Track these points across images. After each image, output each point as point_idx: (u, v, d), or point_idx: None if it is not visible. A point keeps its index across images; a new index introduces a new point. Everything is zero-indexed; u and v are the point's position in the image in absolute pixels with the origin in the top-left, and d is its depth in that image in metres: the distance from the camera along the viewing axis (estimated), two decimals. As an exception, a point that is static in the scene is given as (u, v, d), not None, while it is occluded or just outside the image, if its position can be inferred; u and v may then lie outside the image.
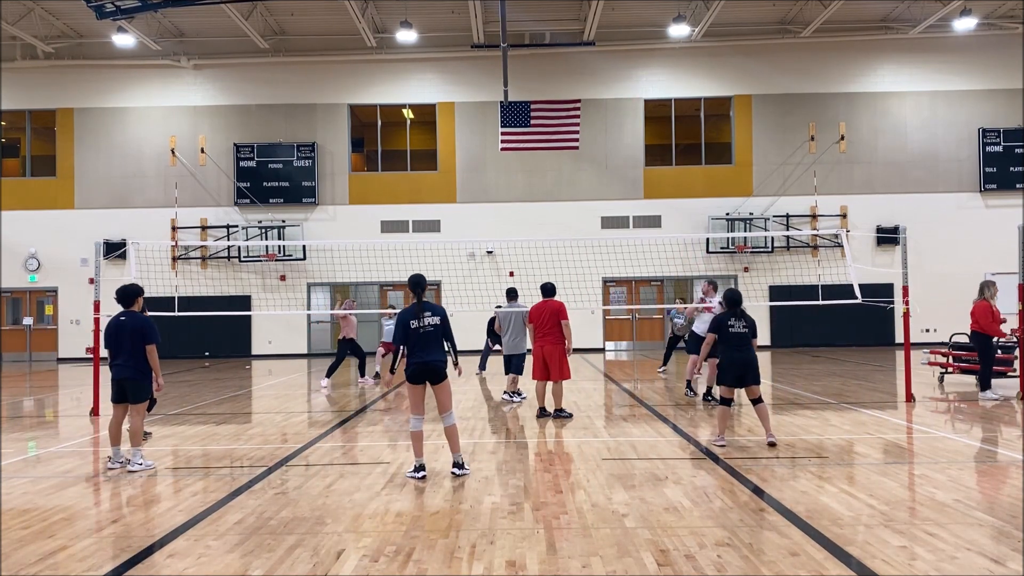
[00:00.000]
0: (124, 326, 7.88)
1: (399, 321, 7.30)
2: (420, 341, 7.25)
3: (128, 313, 8.03)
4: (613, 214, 25.53)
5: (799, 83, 25.82)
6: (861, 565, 4.74)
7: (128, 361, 7.83)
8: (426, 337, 7.27)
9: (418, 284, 7.50)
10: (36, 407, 14.20)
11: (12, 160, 27.03)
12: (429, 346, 7.29)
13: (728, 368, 8.52)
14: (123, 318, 7.96)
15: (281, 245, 25.18)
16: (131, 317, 7.97)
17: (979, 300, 12.49)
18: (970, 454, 8.17)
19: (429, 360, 7.27)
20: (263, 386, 16.61)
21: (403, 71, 26.05)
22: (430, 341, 7.29)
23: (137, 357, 7.83)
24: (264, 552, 5.17)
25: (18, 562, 5.06)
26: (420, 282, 7.50)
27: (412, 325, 7.25)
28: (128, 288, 8.18)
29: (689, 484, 6.85)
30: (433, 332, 7.32)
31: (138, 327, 7.87)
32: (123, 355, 7.85)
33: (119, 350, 7.87)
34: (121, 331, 7.87)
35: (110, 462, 7.93)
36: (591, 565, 4.81)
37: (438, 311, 7.41)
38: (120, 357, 7.87)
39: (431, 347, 7.30)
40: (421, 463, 7.32)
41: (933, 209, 25.02)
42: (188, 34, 25.33)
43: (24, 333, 26.11)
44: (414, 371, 7.28)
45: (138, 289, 8.27)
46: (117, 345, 7.88)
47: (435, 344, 7.34)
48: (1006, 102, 25.39)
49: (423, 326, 7.26)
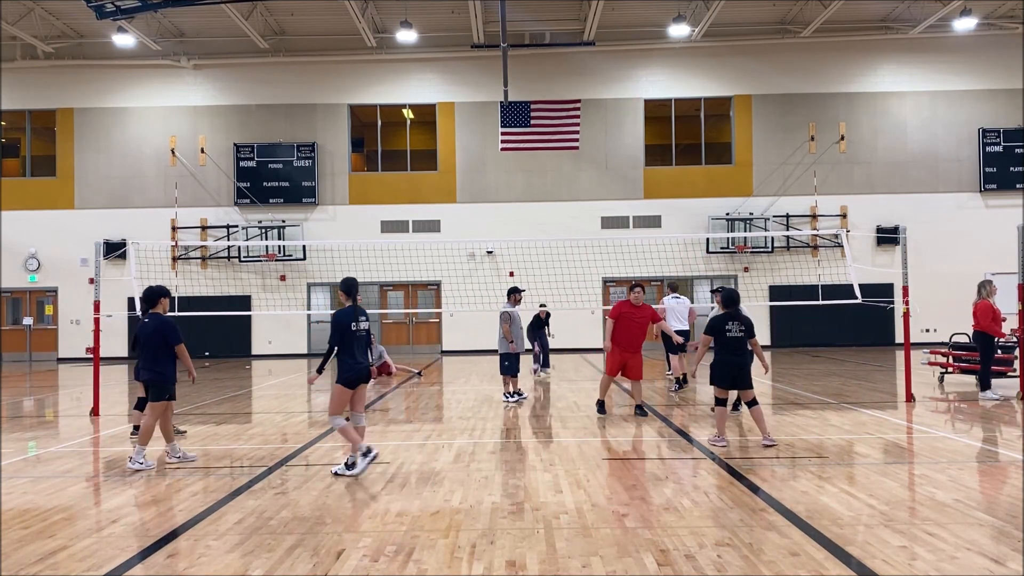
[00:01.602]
0: (145, 328, 8.11)
1: (337, 322, 7.36)
2: (358, 344, 7.39)
3: (151, 315, 8.19)
4: (613, 214, 25.54)
5: (799, 83, 25.82)
6: (861, 565, 4.74)
7: (147, 364, 8.07)
8: (361, 341, 7.43)
9: (352, 287, 7.58)
10: (36, 407, 14.20)
11: (12, 160, 27.04)
12: (363, 350, 7.48)
13: (721, 370, 8.53)
14: (146, 320, 8.18)
15: (281, 245, 25.18)
16: (152, 319, 8.14)
17: (979, 300, 12.51)
18: (970, 454, 8.17)
19: (365, 364, 7.50)
20: (263, 386, 16.61)
21: (403, 71, 26.06)
22: (363, 345, 7.48)
23: (155, 359, 8.00)
24: (264, 552, 5.17)
25: (18, 562, 5.06)
26: (354, 284, 7.59)
27: (352, 328, 7.35)
28: (152, 289, 8.29)
29: (689, 484, 6.85)
30: (366, 336, 7.56)
31: (158, 329, 8.04)
32: (143, 357, 8.11)
33: (141, 352, 8.14)
34: (142, 333, 8.13)
35: (168, 457, 8.18)
36: (591, 565, 4.81)
37: (367, 316, 7.59)
38: (141, 359, 8.16)
39: (365, 351, 7.53)
40: (367, 447, 7.45)
41: (933, 209, 25.02)
42: (188, 34, 25.33)
43: (24, 333, 26.12)
44: (355, 375, 7.40)
45: (162, 290, 8.36)
46: (140, 347, 8.15)
47: (367, 348, 7.62)
48: (1006, 102, 25.39)
49: (360, 330, 7.40)
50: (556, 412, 11.44)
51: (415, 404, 13.07)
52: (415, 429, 10.29)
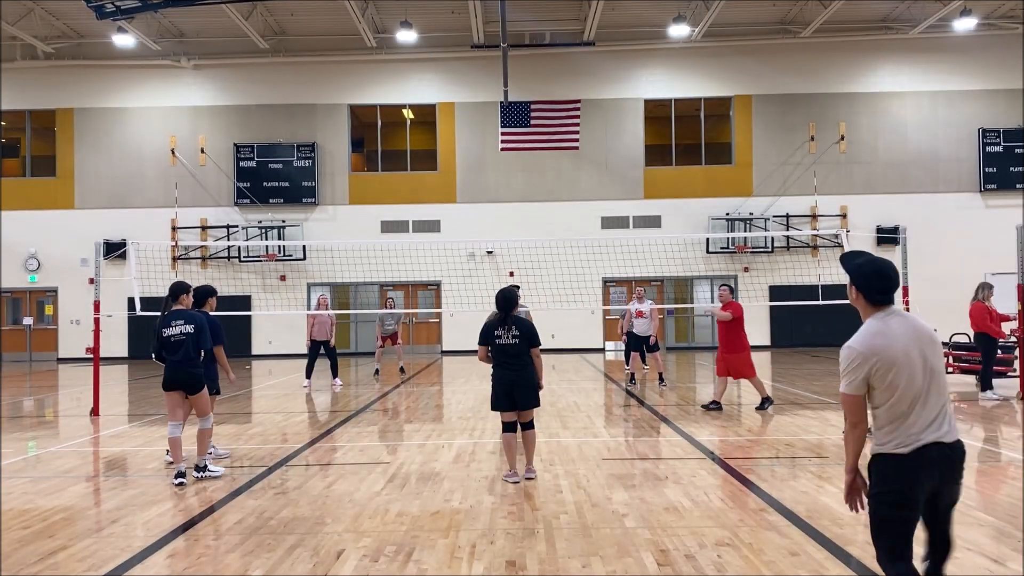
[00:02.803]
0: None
1: (154, 329, 7.46)
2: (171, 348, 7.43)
3: (202, 313, 8.10)
4: (613, 214, 25.54)
5: (799, 83, 25.82)
6: (861, 565, 4.74)
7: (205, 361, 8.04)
8: (177, 344, 7.40)
9: (178, 291, 7.62)
10: (36, 407, 14.20)
11: (12, 160, 27.03)
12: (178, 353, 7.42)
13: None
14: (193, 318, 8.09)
15: (281, 245, 25.18)
16: (205, 316, 8.07)
17: (974, 302, 12.61)
18: (970, 454, 8.14)
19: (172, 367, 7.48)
20: (263, 386, 16.61)
21: (403, 71, 26.05)
22: (180, 348, 7.40)
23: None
24: (264, 552, 5.17)
25: (18, 562, 5.06)
26: (180, 289, 7.64)
27: (164, 334, 7.45)
28: (200, 289, 8.22)
29: (689, 484, 6.85)
30: (186, 340, 7.40)
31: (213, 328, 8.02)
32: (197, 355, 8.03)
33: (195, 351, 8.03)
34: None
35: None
36: (591, 565, 4.81)
37: (185, 319, 7.47)
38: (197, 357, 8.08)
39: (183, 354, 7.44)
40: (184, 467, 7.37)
41: (933, 209, 25.01)
42: (188, 34, 25.33)
43: (24, 333, 26.12)
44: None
45: (210, 289, 8.34)
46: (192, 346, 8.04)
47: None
48: (1006, 102, 25.39)
49: (173, 335, 7.40)
50: (556, 412, 11.44)
51: (415, 404, 13.07)
52: (415, 429, 10.30)
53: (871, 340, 3.60)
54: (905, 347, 3.54)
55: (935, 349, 3.59)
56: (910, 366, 3.51)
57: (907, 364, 3.52)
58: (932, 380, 3.52)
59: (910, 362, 3.52)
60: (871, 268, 3.66)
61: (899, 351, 3.53)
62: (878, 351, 3.55)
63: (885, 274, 3.65)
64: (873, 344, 3.58)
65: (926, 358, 3.53)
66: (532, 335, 7.10)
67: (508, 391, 7.08)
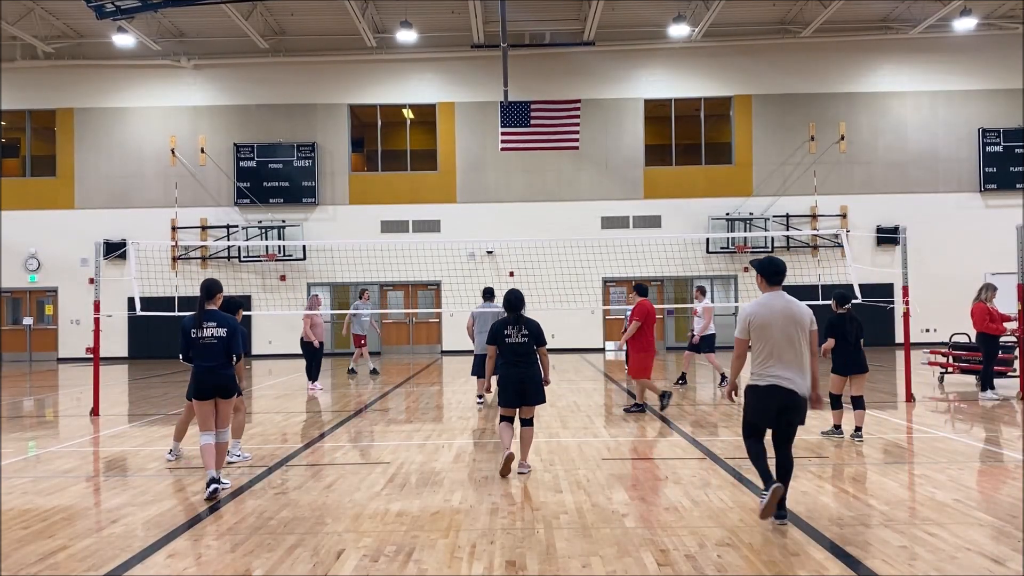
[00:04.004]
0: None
1: (182, 328, 6.91)
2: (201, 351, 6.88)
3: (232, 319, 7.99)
4: (613, 214, 25.53)
5: (799, 83, 25.82)
6: (861, 565, 4.74)
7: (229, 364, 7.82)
8: (207, 347, 6.87)
9: (213, 289, 7.04)
10: (36, 407, 14.20)
11: (12, 160, 27.03)
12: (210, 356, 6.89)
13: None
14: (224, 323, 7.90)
15: (281, 245, 25.18)
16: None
17: (976, 302, 12.62)
18: (970, 454, 8.17)
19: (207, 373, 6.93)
20: (263, 386, 16.61)
21: (403, 71, 26.05)
22: (212, 351, 6.87)
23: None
24: (264, 552, 5.17)
25: (18, 562, 5.06)
26: (215, 287, 7.06)
27: (193, 335, 6.87)
28: (231, 300, 7.84)
29: (689, 484, 6.85)
30: (217, 344, 6.90)
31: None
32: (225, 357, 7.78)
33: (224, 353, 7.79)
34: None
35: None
36: (591, 565, 4.81)
37: (218, 320, 6.94)
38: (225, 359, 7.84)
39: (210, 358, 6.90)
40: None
41: (933, 209, 25.00)
42: (188, 34, 25.33)
43: (24, 333, 26.11)
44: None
45: (240, 302, 8.10)
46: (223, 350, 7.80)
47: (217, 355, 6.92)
48: (1006, 102, 25.38)
49: (203, 336, 6.86)
50: (556, 412, 11.44)
51: (415, 404, 13.08)
52: (415, 429, 10.29)
53: (756, 307, 5.63)
54: (775, 316, 5.51)
55: (798, 325, 5.50)
56: (775, 329, 5.49)
57: (773, 327, 5.49)
58: (787, 344, 5.47)
59: (776, 326, 5.49)
60: (768, 261, 5.79)
61: (770, 317, 5.51)
62: (757, 314, 5.57)
63: (775, 266, 5.74)
64: (757, 310, 5.60)
65: (786, 329, 5.48)
66: (540, 334, 7.44)
67: (518, 388, 7.35)
